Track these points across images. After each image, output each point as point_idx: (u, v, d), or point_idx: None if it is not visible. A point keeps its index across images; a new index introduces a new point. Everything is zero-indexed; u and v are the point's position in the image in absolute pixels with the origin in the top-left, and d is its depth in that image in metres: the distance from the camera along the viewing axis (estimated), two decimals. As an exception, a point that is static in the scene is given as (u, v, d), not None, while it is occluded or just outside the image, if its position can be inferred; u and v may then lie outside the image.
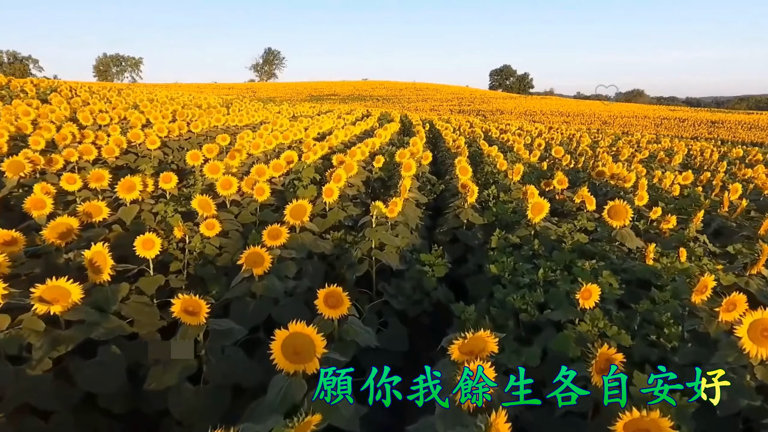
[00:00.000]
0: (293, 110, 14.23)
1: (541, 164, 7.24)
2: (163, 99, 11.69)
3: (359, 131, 9.32)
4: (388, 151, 6.14)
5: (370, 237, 3.34)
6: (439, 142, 10.60)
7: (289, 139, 6.72)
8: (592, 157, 8.89)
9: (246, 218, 3.80)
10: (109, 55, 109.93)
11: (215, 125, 7.69)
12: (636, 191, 5.14)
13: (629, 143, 12.18)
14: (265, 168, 4.41)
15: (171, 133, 6.34)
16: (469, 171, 5.39)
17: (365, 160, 6.05)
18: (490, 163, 7.07)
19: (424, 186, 5.54)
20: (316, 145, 6.00)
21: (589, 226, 3.87)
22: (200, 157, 4.81)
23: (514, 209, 4.54)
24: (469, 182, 4.57)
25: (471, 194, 4.35)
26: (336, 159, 5.20)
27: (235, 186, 3.80)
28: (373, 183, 5.49)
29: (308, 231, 3.51)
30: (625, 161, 8.50)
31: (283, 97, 61.37)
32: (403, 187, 4.20)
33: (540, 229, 3.86)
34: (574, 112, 55.78)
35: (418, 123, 12.78)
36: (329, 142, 6.42)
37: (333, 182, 4.40)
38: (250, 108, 11.82)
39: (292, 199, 3.45)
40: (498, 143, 9.98)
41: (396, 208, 3.73)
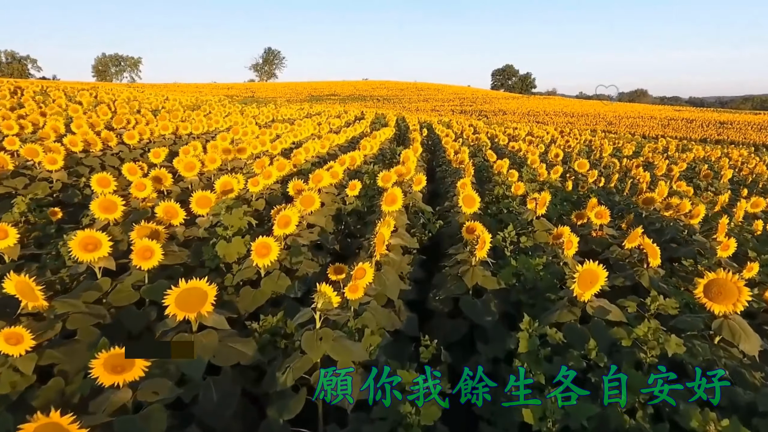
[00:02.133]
0: (275, 113, 12.77)
1: (564, 183, 5.80)
2: (122, 100, 10.24)
3: (344, 140, 7.87)
4: (370, 172, 4.71)
5: (309, 351, 1.92)
6: (438, 151, 9.17)
7: (247, 153, 5.29)
8: (620, 171, 7.46)
9: (121, 299, 2.37)
10: (108, 55, 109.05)
11: (162, 134, 6.24)
12: (711, 232, 3.71)
13: (655, 150, 10.72)
14: (176, 208, 2.99)
15: (92, 147, 4.93)
16: (476, 201, 3.96)
17: (340, 183, 4.62)
18: (501, 183, 5.64)
19: (415, 221, 4.11)
20: (275, 163, 4.57)
21: (669, 308, 2.43)
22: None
23: (544, 265, 3.12)
24: (479, 227, 3.15)
25: (481, 246, 2.92)
26: (293, 187, 3.76)
27: (104, 247, 2.37)
28: (346, 217, 4.06)
29: (212, 330, 2.08)
30: (662, 177, 7.06)
31: (283, 98, 59.95)
32: (380, 237, 2.77)
33: (591, 311, 2.43)
34: (578, 112, 54.37)
35: (414, 128, 11.30)
36: (294, 159, 4.98)
37: (278, 227, 2.98)
38: (221, 111, 10.37)
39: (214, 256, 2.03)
40: (507, 154, 8.53)
41: (362, 284, 2.32)
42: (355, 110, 24.70)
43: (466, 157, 5.89)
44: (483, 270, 3.00)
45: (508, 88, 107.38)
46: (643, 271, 3.10)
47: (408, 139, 9.79)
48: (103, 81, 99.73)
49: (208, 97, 21.95)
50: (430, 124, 16.16)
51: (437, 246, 4.28)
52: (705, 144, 24.53)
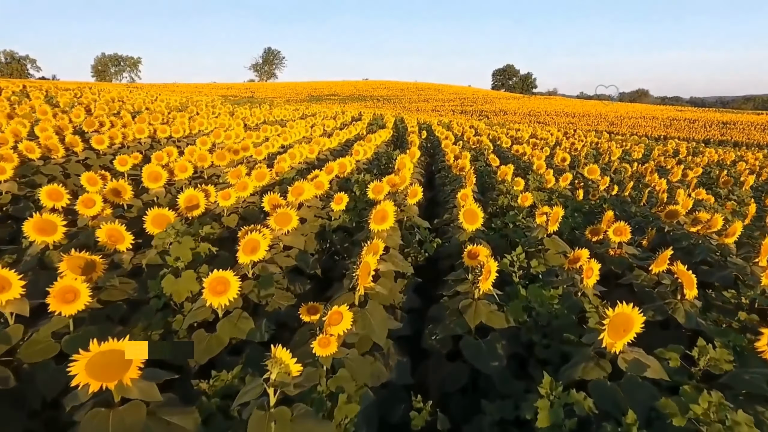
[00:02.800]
0: (268, 114, 12.26)
1: (575, 192, 5.32)
2: (104, 101, 9.72)
3: (336, 144, 7.37)
4: (361, 181, 4.22)
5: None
6: (438, 154, 8.68)
7: (226, 159, 4.80)
8: (632, 177, 6.97)
9: (34, 353, 1.89)
10: (108, 55, 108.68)
11: (137, 138, 5.74)
12: (752, 254, 3.23)
13: (666, 154, 10.22)
14: (121, 231, 2.50)
15: (54, 153, 4.44)
16: (478, 217, 3.48)
17: (327, 194, 4.13)
18: (506, 192, 5.15)
19: (410, 238, 3.62)
20: (255, 171, 4.09)
21: (722, 362, 1.95)
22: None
23: (560, 297, 2.63)
24: (482, 252, 2.67)
25: (486, 277, 2.44)
26: (269, 202, 3.27)
27: (14, 288, 1.89)
28: (331, 234, 3.58)
29: (139, 402, 1.60)
30: (677, 183, 6.57)
31: (282, 98, 59.42)
32: (365, 267, 2.29)
33: (624, 365, 1.95)
34: (579, 112, 53.90)
35: (413, 129, 10.79)
36: (277, 166, 4.49)
37: (243, 254, 2.50)
38: (208, 112, 9.85)
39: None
40: (511, 158, 8.04)
41: (337, 333, 1.85)
42: (353, 111, 24.20)
43: (468, 164, 5.40)
44: (488, 305, 2.52)
45: (508, 88, 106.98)
46: (677, 305, 2.62)
47: (406, 141, 9.31)
48: (102, 81, 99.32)
49: (201, 97, 21.45)
50: (430, 125, 15.65)
51: (435, 265, 3.79)
52: (708, 145, 24.03)
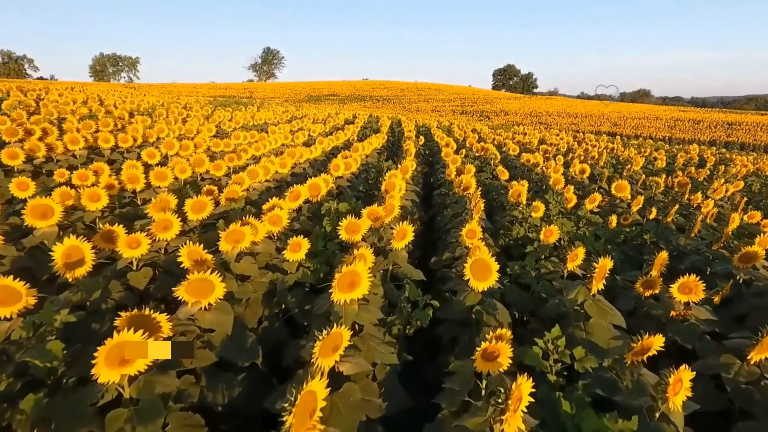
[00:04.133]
0: (251, 117, 11.18)
1: (607, 219, 4.27)
2: (62, 102, 8.61)
3: (320, 153, 6.27)
4: (333, 214, 3.16)
5: None
6: (437, 164, 7.63)
7: (168, 179, 3.73)
8: (665, 194, 5.94)
9: None
10: (106, 55, 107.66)
11: (70, 149, 4.68)
12: None
13: (691, 162, 9.16)
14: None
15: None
16: (491, 271, 2.44)
17: (283, 232, 3.08)
18: (522, 219, 4.11)
19: (396, 296, 2.59)
20: (190, 201, 3.04)
21: None
22: None
23: None
24: (503, 352, 1.62)
25: (515, 407, 1.40)
26: (187, 256, 2.23)
27: None
28: (285, 294, 2.53)
29: None
30: (721, 202, 5.53)
31: (281, 98, 58.26)
32: (304, 406, 1.24)
33: None
34: (581, 113, 52.88)
35: (409, 135, 9.67)
36: (228, 190, 3.42)
37: (105, 367, 1.46)
38: (177, 116, 8.77)
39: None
40: (521, 168, 6.98)
41: None
42: (349, 112, 23.14)
43: (473, 183, 4.35)
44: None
45: (509, 88, 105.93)
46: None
47: (402, 149, 8.25)
48: (100, 81, 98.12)
49: (188, 98, 20.35)
50: (429, 129, 14.58)
51: (432, 329, 2.74)
52: (712, 146, 22.98)
